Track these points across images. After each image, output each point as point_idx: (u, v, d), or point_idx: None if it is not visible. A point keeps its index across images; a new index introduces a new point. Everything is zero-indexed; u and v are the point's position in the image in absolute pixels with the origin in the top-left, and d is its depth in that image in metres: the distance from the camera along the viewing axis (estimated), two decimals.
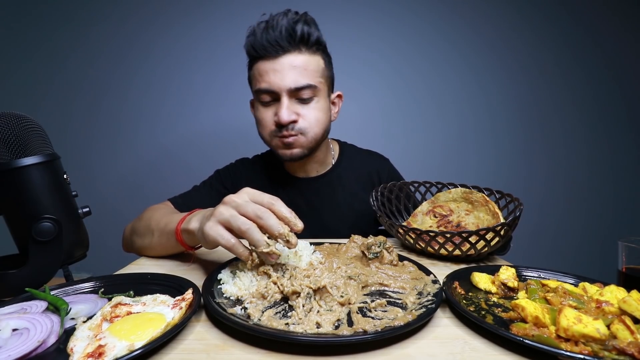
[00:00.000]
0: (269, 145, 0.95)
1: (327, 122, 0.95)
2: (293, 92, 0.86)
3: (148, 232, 0.74)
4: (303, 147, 0.91)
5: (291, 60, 0.84)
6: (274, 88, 0.85)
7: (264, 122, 0.91)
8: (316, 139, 0.93)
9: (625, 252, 0.59)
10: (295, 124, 0.88)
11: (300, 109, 0.88)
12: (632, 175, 1.88)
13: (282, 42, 0.83)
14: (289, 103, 0.86)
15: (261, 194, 0.54)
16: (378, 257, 0.61)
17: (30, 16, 1.63)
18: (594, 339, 0.37)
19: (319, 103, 0.90)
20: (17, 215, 0.54)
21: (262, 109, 0.90)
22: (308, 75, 0.86)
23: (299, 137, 0.90)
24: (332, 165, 1.07)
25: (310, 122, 0.89)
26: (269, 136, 0.92)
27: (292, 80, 0.84)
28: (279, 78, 0.84)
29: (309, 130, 0.90)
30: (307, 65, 0.86)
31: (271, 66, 0.85)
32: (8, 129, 0.53)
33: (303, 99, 0.87)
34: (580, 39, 1.80)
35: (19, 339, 0.37)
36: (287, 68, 0.84)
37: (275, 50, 0.84)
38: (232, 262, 0.60)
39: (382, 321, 0.42)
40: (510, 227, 0.68)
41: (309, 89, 0.87)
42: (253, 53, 0.87)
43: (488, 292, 0.53)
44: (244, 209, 0.52)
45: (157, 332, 0.37)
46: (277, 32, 0.82)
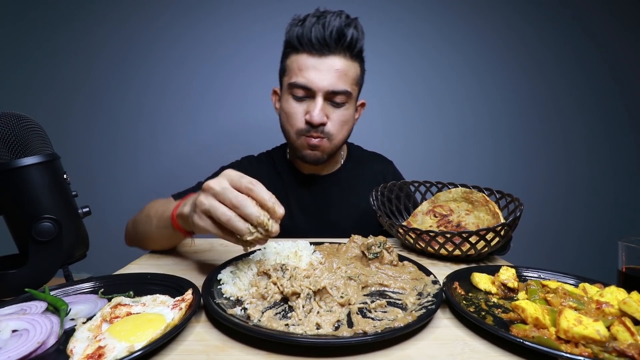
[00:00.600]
0: (292, 142, 0.94)
1: (350, 128, 0.96)
2: (329, 94, 0.85)
3: (148, 221, 0.74)
4: (325, 152, 0.92)
5: (334, 63, 0.84)
6: (312, 86, 0.84)
7: (293, 117, 0.89)
8: (338, 145, 0.94)
9: (625, 252, 0.59)
10: (324, 126, 0.88)
11: (331, 111, 0.88)
12: (632, 175, 1.88)
13: (331, 43, 0.82)
14: (323, 104, 0.86)
15: (240, 177, 0.52)
16: (378, 257, 0.61)
17: (30, 16, 1.63)
18: (594, 340, 0.37)
19: (348, 110, 0.91)
20: (17, 215, 0.54)
21: (293, 103, 0.89)
22: (346, 81, 0.86)
23: (324, 141, 0.90)
24: (341, 165, 1.08)
25: (336, 126, 0.90)
26: (296, 133, 0.91)
27: (330, 82, 0.84)
28: (318, 77, 0.84)
29: (334, 135, 0.90)
30: (347, 71, 0.86)
31: (313, 63, 0.84)
32: (8, 129, 0.53)
33: (336, 103, 0.88)
34: (580, 39, 1.80)
35: (19, 340, 0.37)
36: (328, 69, 0.84)
37: (322, 48, 0.83)
38: (232, 262, 0.60)
39: (382, 322, 0.42)
40: (511, 227, 0.68)
41: (344, 95, 0.87)
42: (296, 44, 0.85)
43: (488, 293, 0.53)
44: (222, 197, 0.50)
45: (157, 333, 0.37)
46: (327, 31, 0.81)
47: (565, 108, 1.83)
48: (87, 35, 1.65)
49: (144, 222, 0.76)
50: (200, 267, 0.67)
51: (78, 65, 1.67)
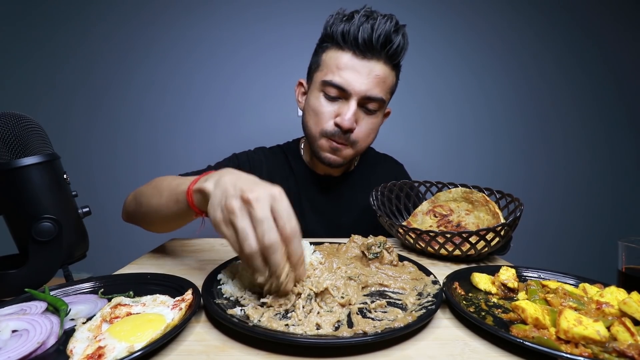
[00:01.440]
0: (313, 141, 0.90)
1: (375, 136, 0.93)
2: (364, 99, 0.82)
3: (156, 193, 0.67)
4: (346, 158, 0.90)
5: (375, 68, 0.80)
6: (348, 88, 0.80)
7: (321, 116, 0.85)
8: (359, 152, 0.92)
9: (625, 252, 0.59)
10: (351, 132, 0.85)
11: (362, 117, 0.85)
12: (632, 175, 1.88)
13: (377, 47, 0.78)
14: (356, 109, 0.83)
15: (288, 214, 0.44)
16: (378, 257, 0.61)
17: (30, 16, 1.63)
18: (594, 341, 0.37)
19: (377, 118, 0.88)
20: (17, 215, 0.54)
21: (323, 101, 0.85)
22: (383, 88, 0.83)
23: (347, 148, 0.88)
24: (354, 167, 1.07)
25: (363, 134, 0.87)
26: (320, 133, 0.87)
27: (368, 87, 0.81)
28: (357, 80, 0.80)
29: (359, 143, 0.88)
30: (385, 78, 0.83)
31: (353, 64, 0.80)
32: (8, 129, 0.53)
33: (368, 109, 0.85)
34: (580, 39, 1.80)
35: (19, 341, 0.37)
36: (368, 73, 0.80)
37: (366, 50, 0.79)
38: (232, 262, 0.60)
39: (382, 322, 0.42)
40: (511, 228, 0.68)
41: (378, 103, 0.84)
42: (339, 40, 0.80)
43: (488, 293, 0.53)
44: (256, 224, 0.43)
45: (157, 333, 0.37)
46: (376, 34, 0.77)
47: (565, 108, 1.83)
48: (87, 35, 1.65)
49: (150, 194, 0.69)
50: (200, 267, 0.66)
51: (78, 65, 1.67)
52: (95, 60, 1.67)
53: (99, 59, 1.67)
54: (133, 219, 0.78)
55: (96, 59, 1.67)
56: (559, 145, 1.85)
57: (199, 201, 0.54)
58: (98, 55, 1.67)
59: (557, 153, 1.85)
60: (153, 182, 0.73)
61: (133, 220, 0.78)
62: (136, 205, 0.74)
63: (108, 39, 1.66)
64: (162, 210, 0.65)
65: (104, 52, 1.67)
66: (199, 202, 0.54)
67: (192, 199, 0.55)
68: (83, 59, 1.67)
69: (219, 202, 0.46)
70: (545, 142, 1.84)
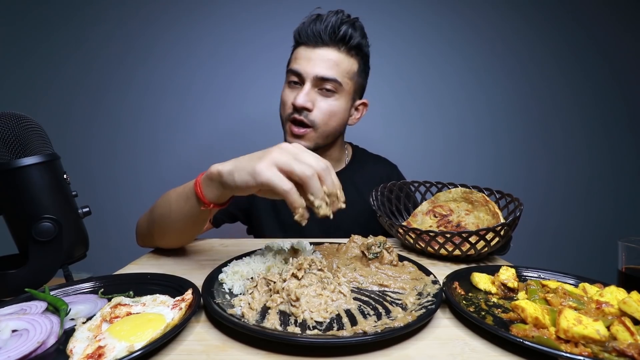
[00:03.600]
0: (283, 129, 0.98)
1: (340, 121, 0.96)
2: (317, 81, 0.89)
3: (165, 202, 0.69)
4: (311, 141, 0.94)
5: (326, 54, 0.89)
6: (301, 71, 0.89)
7: (284, 103, 0.95)
8: (325, 135, 0.95)
9: (625, 252, 0.59)
10: (309, 112, 0.91)
11: (318, 99, 0.91)
12: (632, 175, 1.88)
13: (324, 36, 0.88)
14: (310, 90, 0.90)
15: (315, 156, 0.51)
16: (378, 257, 0.61)
17: (30, 16, 1.63)
18: (594, 340, 0.37)
19: (338, 101, 0.93)
20: (17, 215, 0.54)
21: (286, 90, 0.95)
22: (337, 71, 0.90)
23: (309, 131, 0.92)
24: (345, 166, 1.09)
25: (323, 115, 0.92)
26: (285, 118, 0.95)
27: (319, 70, 0.88)
28: (309, 64, 0.89)
29: (320, 124, 0.92)
30: (339, 62, 0.90)
31: (306, 54, 0.90)
32: (8, 129, 0.53)
33: (325, 90, 0.91)
34: (580, 39, 1.80)
35: (19, 340, 0.37)
36: (319, 58, 0.89)
37: (315, 40, 0.89)
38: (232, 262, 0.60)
39: (381, 321, 0.42)
40: (510, 227, 0.68)
41: (333, 83, 0.90)
42: (297, 38, 0.93)
43: (488, 293, 0.53)
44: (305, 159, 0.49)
45: (157, 333, 0.37)
46: (322, 26, 0.88)
47: (565, 108, 1.83)
48: (87, 35, 1.65)
49: (160, 206, 0.71)
50: (200, 267, 0.66)
51: (78, 65, 1.67)
52: (95, 60, 1.67)
53: (99, 59, 1.67)
54: (148, 238, 0.77)
55: (96, 59, 1.67)
56: (559, 145, 1.85)
57: (208, 189, 0.57)
58: (98, 55, 1.67)
59: (557, 153, 1.85)
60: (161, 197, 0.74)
61: (148, 241, 0.78)
62: (148, 223, 0.74)
63: (108, 39, 1.66)
64: (173, 215, 0.66)
65: (104, 52, 1.67)
66: (209, 190, 0.57)
67: (200, 189, 0.57)
68: (83, 59, 1.67)
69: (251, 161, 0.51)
70: (545, 142, 1.84)
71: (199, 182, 0.58)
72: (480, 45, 1.77)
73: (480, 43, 1.77)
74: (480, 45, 1.77)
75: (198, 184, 0.58)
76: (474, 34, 1.76)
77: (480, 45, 1.77)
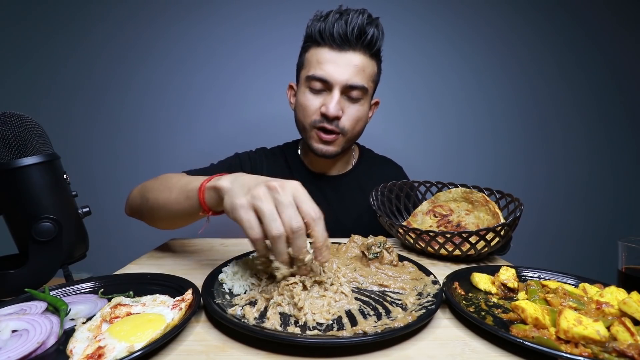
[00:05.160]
0: (305, 134, 0.96)
1: (364, 125, 0.98)
2: (346, 88, 0.87)
3: (166, 189, 0.68)
4: (339, 146, 0.94)
5: (353, 58, 0.86)
6: (330, 79, 0.86)
7: (308, 109, 0.91)
8: (352, 139, 0.96)
9: (625, 252, 0.59)
10: (339, 121, 0.90)
11: (347, 106, 0.90)
12: (632, 175, 1.88)
13: (352, 39, 0.85)
14: (340, 98, 0.88)
15: (308, 201, 0.47)
16: (378, 257, 0.61)
17: (30, 16, 1.63)
18: (594, 340, 0.37)
19: (363, 106, 0.93)
20: (17, 215, 0.54)
21: (309, 96, 0.91)
22: (364, 76, 0.89)
23: (339, 138, 0.92)
24: (353, 167, 1.09)
25: (351, 121, 0.91)
26: (309, 125, 0.92)
27: (349, 77, 0.86)
28: (337, 71, 0.86)
29: (348, 130, 0.92)
30: (365, 67, 0.88)
31: (332, 57, 0.86)
32: (8, 129, 0.53)
33: (352, 98, 0.89)
34: (580, 40, 1.80)
35: (19, 340, 0.37)
36: (347, 64, 0.86)
37: (342, 43, 0.85)
38: (232, 262, 0.60)
39: (381, 322, 0.42)
40: (511, 228, 0.68)
41: (360, 90, 0.89)
42: (317, 38, 0.87)
43: (488, 293, 0.53)
44: (282, 210, 0.45)
45: (157, 333, 0.37)
46: (349, 28, 0.84)
47: (565, 108, 1.83)
48: (87, 35, 1.65)
49: (159, 189, 0.70)
50: (200, 267, 0.66)
51: (78, 65, 1.67)
52: (95, 60, 1.67)
53: (99, 59, 1.67)
54: (137, 213, 0.79)
55: (96, 59, 1.67)
56: (559, 146, 1.85)
57: (210, 198, 0.56)
58: (98, 55, 1.67)
59: (557, 153, 1.85)
60: (160, 178, 0.75)
61: (137, 214, 0.80)
62: (142, 200, 0.75)
63: (108, 39, 1.66)
64: (170, 206, 0.66)
65: (104, 52, 1.67)
66: (211, 199, 0.56)
67: (203, 196, 0.57)
68: (83, 59, 1.66)
69: (241, 190, 0.49)
70: (545, 142, 1.84)
71: (204, 189, 0.57)
72: (480, 45, 1.77)
73: (480, 43, 1.77)
74: (480, 45, 1.77)
75: (202, 191, 0.57)
76: (474, 33, 1.76)
77: (480, 45, 1.77)
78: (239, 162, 1.05)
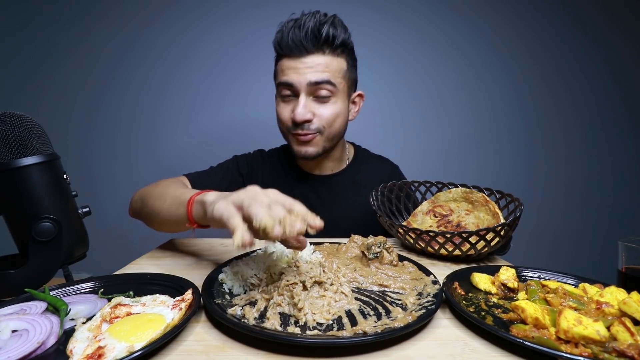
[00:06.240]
0: (287, 139, 0.98)
1: (343, 122, 0.96)
2: (311, 87, 0.87)
3: (161, 197, 0.73)
4: (318, 145, 0.94)
5: (313, 60, 0.87)
6: (292, 82, 0.87)
7: (281, 117, 0.93)
8: (331, 138, 0.95)
9: (625, 252, 0.59)
10: (310, 123, 0.90)
11: (317, 108, 0.90)
12: (632, 175, 1.88)
13: (307, 44, 0.85)
14: (306, 101, 0.88)
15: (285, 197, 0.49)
16: (378, 257, 0.61)
17: (30, 16, 1.63)
18: (594, 340, 0.37)
19: (336, 104, 0.92)
20: (17, 215, 0.54)
21: (281, 104, 0.93)
22: (328, 73, 0.88)
23: (316, 136, 0.92)
24: (346, 166, 1.09)
25: (325, 121, 0.91)
26: (286, 131, 0.95)
27: (311, 77, 0.86)
28: (298, 75, 0.87)
29: (324, 129, 0.92)
30: (329, 65, 0.88)
31: (293, 64, 0.87)
32: (8, 129, 0.53)
33: (321, 97, 0.89)
34: (580, 39, 1.80)
35: (19, 340, 0.37)
36: (308, 67, 0.86)
37: (299, 50, 0.86)
38: (232, 262, 0.60)
39: (381, 322, 0.42)
40: (511, 228, 0.68)
41: (328, 85, 0.88)
42: (279, 50, 0.90)
43: (488, 293, 0.53)
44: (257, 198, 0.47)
45: (157, 333, 0.37)
46: (302, 33, 0.84)
47: (565, 108, 1.83)
48: (87, 35, 1.65)
49: (156, 197, 0.75)
50: (200, 267, 0.67)
51: (78, 65, 1.67)
52: (95, 60, 1.67)
53: (99, 59, 1.67)
54: (138, 216, 0.85)
55: (96, 59, 1.67)
56: (559, 146, 1.85)
57: (196, 211, 0.59)
58: (98, 55, 1.67)
59: (557, 153, 1.85)
60: (160, 185, 0.80)
61: (138, 217, 0.85)
62: (142, 205, 0.80)
63: (108, 39, 1.66)
64: (163, 214, 0.71)
65: (104, 52, 1.67)
66: (197, 212, 0.59)
67: (191, 208, 0.60)
68: (83, 59, 1.67)
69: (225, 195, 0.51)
70: (545, 142, 1.84)
71: (192, 202, 0.61)
72: (480, 45, 1.77)
73: (480, 43, 1.77)
74: (480, 45, 1.77)
75: (191, 203, 0.61)
76: (474, 33, 1.76)
77: (480, 45, 1.77)
78: (237, 165, 1.07)
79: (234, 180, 1.03)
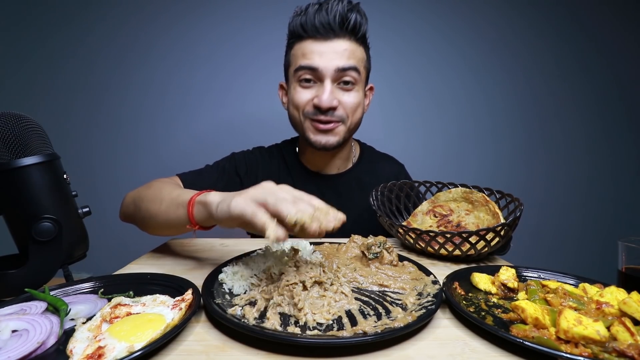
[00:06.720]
0: (300, 129, 0.94)
1: (362, 113, 0.95)
2: (338, 73, 0.85)
3: (157, 199, 0.70)
4: (340, 135, 0.91)
5: (339, 45, 0.84)
6: (319, 66, 0.84)
7: (299, 102, 0.89)
8: (352, 128, 0.93)
9: (625, 252, 0.59)
10: (335, 111, 0.87)
11: (341, 95, 0.88)
12: (632, 175, 1.88)
13: (334, 27, 0.83)
14: (332, 87, 0.86)
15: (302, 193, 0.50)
16: (378, 257, 0.61)
17: (30, 16, 1.63)
18: (594, 340, 0.37)
19: (358, 92, 0.90)
20: (17, 215, 0.54)
21: (299, 89, 0.89)
22: (354, 60, 0.87)
23: (339, 125, 0.89)
24: (352, 165, 1.07)
25: (350, 109, 0.89)
26: (303, 117, 0.90)
27: (338, 62, 0.84)
28: (325, 59, 0.84)
29: (347, 118, 0.90)
30: (354, 51, 0.87)
31: (318, 47, 0.84)
32: (8, 129, 0.53)
33: (345, 83, 0.87)
34: (580, 39, 1.80)
35: (19, 340, 0.37)
36: (334, 51, 0.84)
37: (326, 32, 0.83)
38: (232, 262, 0.60)
39: (381, 322, 0.42)
40: (511, 228, 0.68)
41: (353, 72, 0.86)
42: (301, 32, 0.86)
43: (488, 293, 0.53)
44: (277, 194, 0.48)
45: (157, 333, 0.37)
46: (330, 16, 0.82)
47: (565, 108, 1.83)
48: (87, 35, 1.65)
49: (150, 200, 0.72)
50: (200, 267, 0.66)
51: (78, 65, 1.67)
52: (95, 60, 1.67)
53: (99, 59, 1.67)
54: (131, 219, 0.81)
55: (96, 59, 1.67)
56: (559, 145, 1.85)
57: (199, 212, 0.58)
58: (98, 55, 1.67)
59: (557, 153, 1.85)
60: (153, 187, 0.76)
61: (130, 221, 0.82)
62: (135, 208, 0.77)
63: (108, 39, 1.66)
64: (160, 217, 0.68)
65: (104, 52, 1.67)
66: (199, 213, 0.58)
67: (192, 210, 0.59)
68: (83, 59, 1.67)
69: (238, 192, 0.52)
70: (545, 142, 1.84)
71: (193, 203, 0.59)
72: (480, 46, 1.77)
73: (480, 43, 1.77)
74: (480, 46, 1.77)
75: (191, 204, 0.59)
76: (474, 34, 1.76)
77: (480, 46, 1.77)
78: (234, 163, 1.03)
79: (230, 180, 0.99)
